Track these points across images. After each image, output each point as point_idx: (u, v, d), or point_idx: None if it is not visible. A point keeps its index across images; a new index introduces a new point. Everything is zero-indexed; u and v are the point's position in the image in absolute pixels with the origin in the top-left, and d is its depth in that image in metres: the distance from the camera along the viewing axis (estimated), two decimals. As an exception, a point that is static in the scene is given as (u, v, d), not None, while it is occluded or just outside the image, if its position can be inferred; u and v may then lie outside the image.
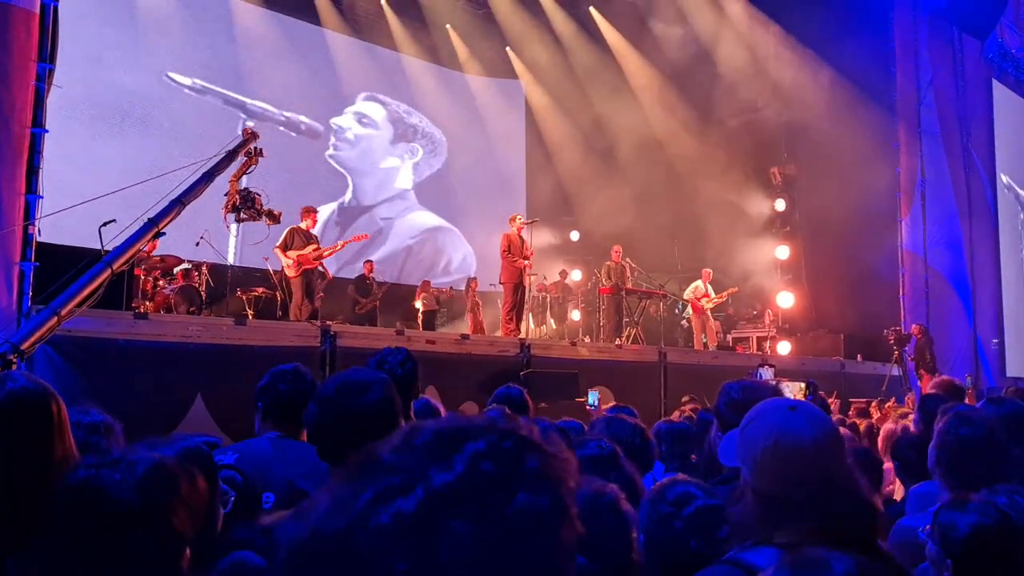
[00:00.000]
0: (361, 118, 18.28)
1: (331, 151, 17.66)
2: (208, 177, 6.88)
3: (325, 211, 17.01)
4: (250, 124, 16.00)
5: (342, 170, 17.85)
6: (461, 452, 0.69)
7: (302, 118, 17.09)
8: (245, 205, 8.09)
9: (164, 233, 6.45)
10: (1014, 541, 1.90)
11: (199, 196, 6.68)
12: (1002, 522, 1.92)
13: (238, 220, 8.29)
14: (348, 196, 17.87)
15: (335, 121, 17.76)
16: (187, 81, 15.43)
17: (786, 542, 1.57)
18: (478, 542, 0.65)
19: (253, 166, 7.97)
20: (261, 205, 8.30)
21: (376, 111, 18.59)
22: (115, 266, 5.79)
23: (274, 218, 8.69)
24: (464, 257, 19.30)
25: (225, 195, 8.06)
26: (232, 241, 13.76)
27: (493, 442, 0.71)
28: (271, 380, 2.94)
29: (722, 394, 2.70)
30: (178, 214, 6.42)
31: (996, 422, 2.77)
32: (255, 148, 7.86)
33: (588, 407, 8.63)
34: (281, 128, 16.72)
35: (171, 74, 15.26)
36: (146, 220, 6.21)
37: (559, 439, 0.76)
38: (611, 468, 2.59)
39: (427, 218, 19.10)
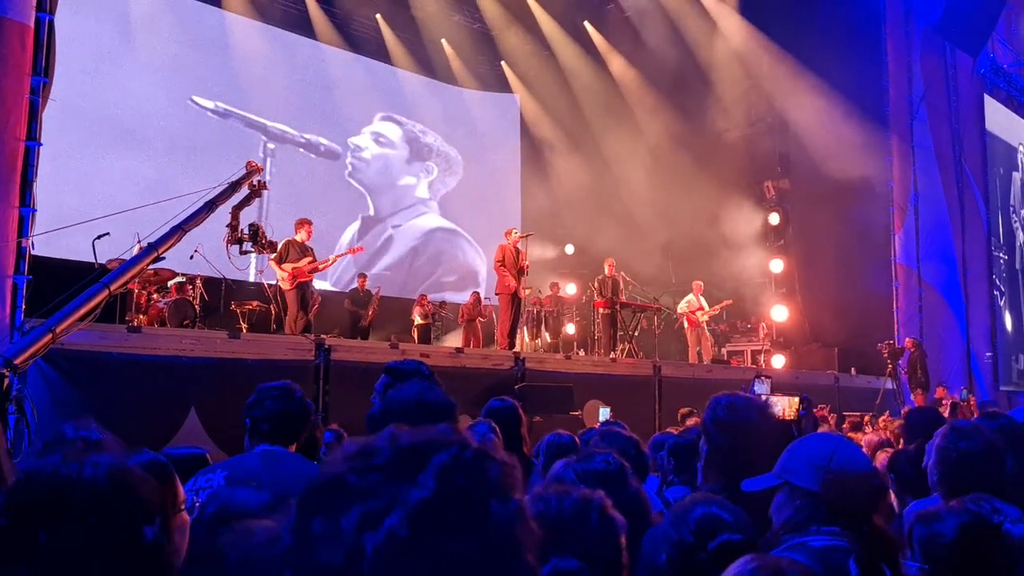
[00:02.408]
0: (378, 138, 18.44)
1: (350, 171, 17.81)
2: (210, 206, 6.99)
3: (348, 231, 17.16)
4: (270, 145, 16.18)
5: (361, 189, 17.99)
6: (427, 468, 0.70)
7: (322, 139, 17.23)
8: (252, 240, 8.20)
9: (164, 258, 6.51)
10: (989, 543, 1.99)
11: (200, 224, 6.75)
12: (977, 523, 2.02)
13: (242, 252, 8.40)
14: (368, 214, 18.05)
15: (352, 140, 17.89)
16: (210, 104, 15.55)
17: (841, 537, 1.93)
18: (468, 550, 0.67)
19: (257, 198, 8.07)
20: (265, 238, 8.43)
21: (392, 131, 18.75)
22: (113, 288, 5.86)
23: (273, 248, 8.88)
24: (477, 269, 19.44)
25: (227, 226, 8.13)
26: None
27: (455, 455, 0.72)
28: (258, 397, 2.91)
29: (709, 408, 2.70)
30: (178, 240, 6.48)
31: (993, 435, 2.78)
32: (259, 181, 7.95)
33: (599, 424, 8.64)
34: (301, 149, 16.89)
35: (195, 98, 15.39)
36: (147, 245, 6.28)
37: (496, 444, 0.78)
38: (618, 485, 2.56)
39: (440, 230, 19.25)
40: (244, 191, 7.88)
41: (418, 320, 14.56)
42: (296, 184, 16.13)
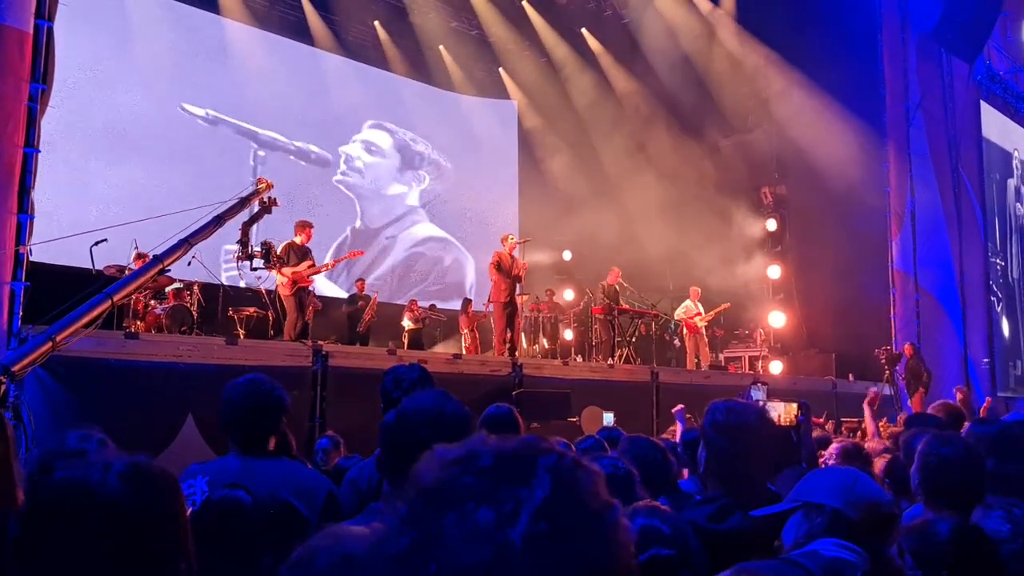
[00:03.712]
0: (369, 146, 18.46)
1: (340, 178, 17.80)
2: (218, 221, 7.02)
3: (338, 239, 17.17)
4: (262, 154, 16.19)
5: (352, 197, 17.99)
6: (537, 470, 0.78)
7: (312, 147, 17.24)
8: (265, 258, 8.26)
9: (169, 270, 6.53)
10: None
11: (206, 238, 6.76)
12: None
13: (252, 269, 8.44)
14: (358, 223, 18.04)
15: (343, 149, 17.91)
16: (200, 112, 15.56)
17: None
18: (592, 537, 0.77)
19: (267, 215, 8.11)
20: (276, 255, 8.48)
21: (383, 139, 18.77)
22: (116, 299, 5.88)
23: (283, 262, 8.95)
24: (467, 275, 19.43)
25: (238, 242, 8.16)
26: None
27: (556, 460, 0.80)
28: (226, 395, 2.88)
29: (708, 414, 2.70)
30: (184, 254, 6.49)
31: (978, 441, 2.81)
32: (269, 198, 7.99)
33: (597, 432, 8.64)
34: (292, 157, 16.87)
35: (185, 105, 15.38)
36: (153, 256, 6.30)
37: None
38: (623, 490, 2.57)
39: (431, 239, 19.27)
40: (254, 207, 7.92)
41: (409, 325, 14.57)
42: (287, 191, 16.12)
